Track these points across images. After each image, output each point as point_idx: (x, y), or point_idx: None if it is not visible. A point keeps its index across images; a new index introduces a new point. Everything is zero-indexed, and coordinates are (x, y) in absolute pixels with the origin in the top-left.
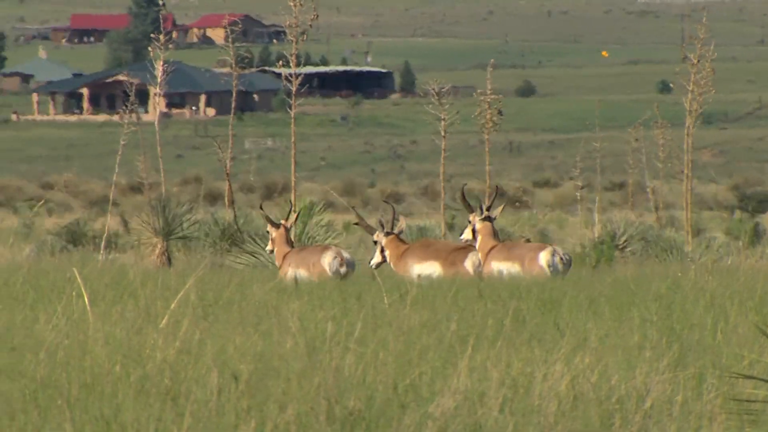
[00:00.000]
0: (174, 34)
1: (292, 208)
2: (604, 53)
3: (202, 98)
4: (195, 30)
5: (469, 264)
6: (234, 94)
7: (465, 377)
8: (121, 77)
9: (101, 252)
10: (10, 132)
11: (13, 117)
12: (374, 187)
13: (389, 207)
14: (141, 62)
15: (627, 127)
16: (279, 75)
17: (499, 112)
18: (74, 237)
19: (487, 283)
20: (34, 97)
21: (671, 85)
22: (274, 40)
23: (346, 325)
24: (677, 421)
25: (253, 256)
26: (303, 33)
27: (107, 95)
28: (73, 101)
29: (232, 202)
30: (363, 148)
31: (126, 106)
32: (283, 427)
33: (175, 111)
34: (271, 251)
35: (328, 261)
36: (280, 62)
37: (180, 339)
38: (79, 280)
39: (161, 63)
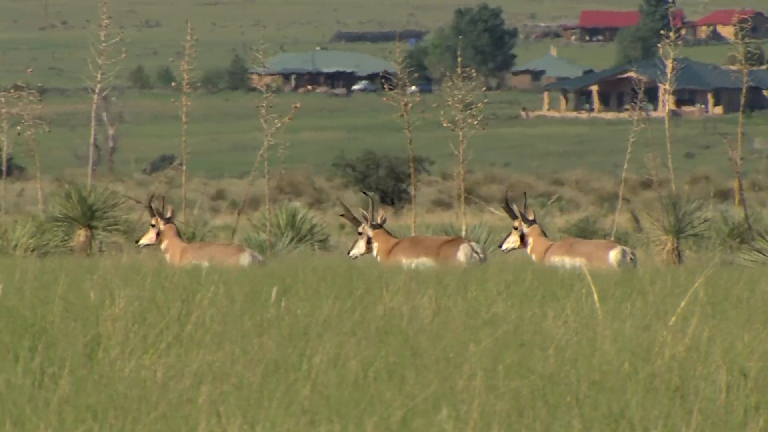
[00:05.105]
0: (683, 31)
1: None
2: None
3: (709, 96)
4: (704, 27)
5: (461, 255)
6: (743, 91)
7: None
8: (630, 74)
9: None
10: (519, 128)
11: (522, 114)
12: None
13: (368, 199)
14: (650, 59)
15: None
16: None
17: None
18: (584, 234)
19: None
20: (545, 94)
21: None
22: None
23: None
24: None
25: (762, 254)
26: None
27: (617, 92)
28: (582, 98)
29: (742, 201)
30: None
31: (635, 103)
32: None
33: (684, 109)
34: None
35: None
36: None
37: (689, 336)
38: (588, 277)
39: (671, 60)
